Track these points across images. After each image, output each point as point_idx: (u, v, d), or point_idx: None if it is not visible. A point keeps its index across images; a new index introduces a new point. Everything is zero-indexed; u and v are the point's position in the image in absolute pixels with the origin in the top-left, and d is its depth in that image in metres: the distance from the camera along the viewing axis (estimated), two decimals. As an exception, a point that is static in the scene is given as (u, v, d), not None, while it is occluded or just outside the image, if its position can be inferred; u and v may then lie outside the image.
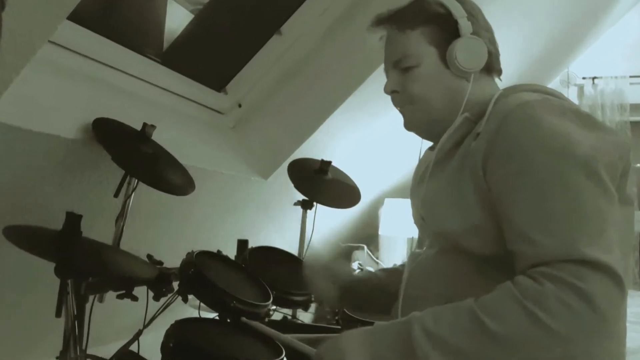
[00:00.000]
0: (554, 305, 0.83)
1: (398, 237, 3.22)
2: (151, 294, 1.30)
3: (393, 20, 1.15)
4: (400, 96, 1.15)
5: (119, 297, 1.26)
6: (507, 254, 0.94)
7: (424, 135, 1.20)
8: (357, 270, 2.57)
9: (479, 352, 0.87)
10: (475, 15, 1.13)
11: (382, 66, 1.20)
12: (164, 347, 1.12)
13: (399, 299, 1.12)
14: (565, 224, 0.88)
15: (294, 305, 1.69)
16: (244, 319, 1.26)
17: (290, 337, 1.17)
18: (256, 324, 1.27)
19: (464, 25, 1.09)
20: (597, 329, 0.84)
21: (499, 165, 0.96)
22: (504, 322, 0.86)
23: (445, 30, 1.10)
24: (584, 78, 4.02)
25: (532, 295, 0.85)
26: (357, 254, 3.34)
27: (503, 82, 1.19)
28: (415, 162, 1.29)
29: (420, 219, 1.19)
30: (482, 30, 1.12)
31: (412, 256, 1.20)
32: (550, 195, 0.91)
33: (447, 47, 1.10)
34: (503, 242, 0.96)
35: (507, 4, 2.45)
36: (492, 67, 1.14)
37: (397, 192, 3.33)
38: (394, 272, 1.31)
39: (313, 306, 1.76)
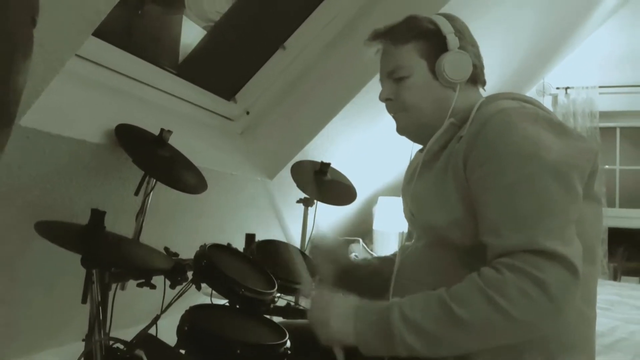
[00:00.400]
0: (513, 292, 0.84)
1: (391, 232, 3.21)
2: (168, 282, 1.30)
3: (388, 36, 1.16)
4: (393, 103, 1.16)
5: (139, 285, 1.26)
6: (485, 246, 0.95)
7: (415, 139, 1.21)
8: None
9: (448, 335, 0.88)
10: (462, 32, 1.13)
11: (378, 76, 1.21)
12: (180, 331, 1.12)
13: (390, 287, 1.12)
14: (530, 220, 0.89)
15: (296, 292, 1.69)
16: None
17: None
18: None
19: (452, 40, 1.10)
20: (552, 314, 0.85)
21: (477, 166, 0.96)
22: (468, 309, 0.86)
23: (435, 45, 1.11)
24: (557, 88, 4.02)
25: (494, 284, 0.86)
26: (353, 247, 3.34)
27: (486, 90, 1.19)
28: (406, 164, 1.29)
29: (410, 214, 1.19)
30: (468, 45, 1.13)
31: (402, 248, 1.20)
32: (518, 194, 0.91)
33: (436, 60, 1.10)
34: None
35: (491, 20, 2.45)
36: (476, 78, 1.15)
37: (390, 191, 3.33)
38: (388, 260, 1.32)
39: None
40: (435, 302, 0.90)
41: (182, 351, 1.12)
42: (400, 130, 1.19)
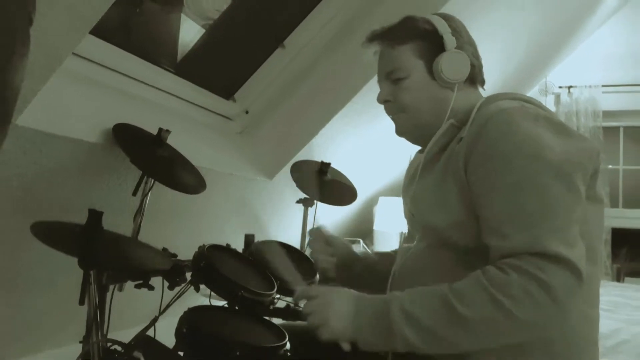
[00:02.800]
0: (517, 293, 0.84)
1: (391, 232, 3.22)
2: (166, 284, 1.30)
3: (385, 37, 1.16)
4: (391, 105, 1.17)
5: (137, 286, 1.26)
6: (486, 247, 0.95)
7: (414, 140, 1.21)
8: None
9: (448, 332, 0.88)
10: (459, 31, 1.13)
11: (377, 68, 1.21)
12: (178, 332, 1.12)
13: (387, 288, 1.13)
14: (534, 221, 0.89)
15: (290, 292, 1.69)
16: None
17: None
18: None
19: (449, 40, 1.10)
20: (555, 316, 0.85)
21: (478, 166, 0.97)
22: (471, 307, 0.87)
23: (432, 45, 1.11)
24: (560, 87, 4.02)
25: (498, 283, 0.86)
26: (353, 247, 3.34)
27: (487, 90, 1.19)
28: (407, 164, 1.29)
29: (410, 215, 1.19)
30: (466, 44, 1.13)
31: (403, 250, 1.20)
32: (521, 194, 0.91)
33: (433, 60, 1.11)
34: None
35: (493, 19, 2.45)
36: (475, 77, 1.15)
37: (390, 191, 3.33)
38: (387, 256, 1.32)
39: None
40: (437, 298, 0.90)
41: (181, 353, 1.12)
42: (399, 132, 1.19)
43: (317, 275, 1.58)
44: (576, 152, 0.96)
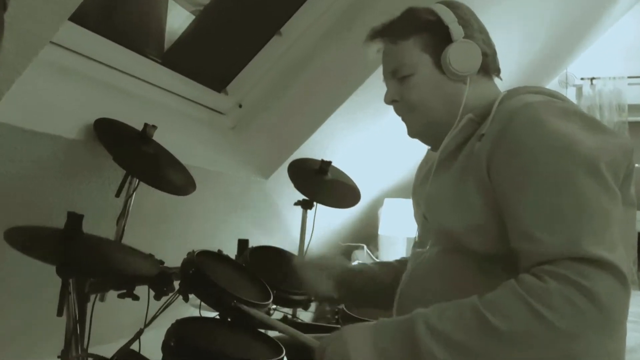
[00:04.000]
0: (559, 303, 0.83)
1: (397, 237, 3.22)
2: (152, 293, 1.30)
3: (386, 33, 1.17)
4: (400, 105, 1.17)
5: (120, 296, 1.26)
6: (508, 253, 0.94)
7: (428, 141, 1.21)
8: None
9: (482, 348, 0.87)
10: (467, 19, 1.13)
11: (382, 67, 1.21)
12: (165, 346, 1.12)
13: (396, 297, 1.12)
14: (569, 222, 0.88)
15: (294, 304, 1.69)
16: (243, 306, 1.24)
17: (292, 329, 1.16)
18: (255, 312, 1.25)
19: (455, 30, 1.10)
20: (602, 328, 0.83)
21: (504, 165, 0.96)
22: (507, 319, 0.85)
23: (437, 37, 1.11)
24: (582, 79, 4.01)
25: (536, 293, 0.84)
26: (357, 253, 3.34)
27: (504, 83, 1.19)
28: (415, 162, 1.29)
29: (423, 218, 1.19)
30: (476, 32, 1.13)
31: (414, 255, 1.20)
32: (554, 193, 0.90)
33: (440, 53, 1.11)
34: (505, 242, 0.96)
35: (506, 8, 2.45)
36: (488, 67, 1.15)
37: (396, 193, 3.33)
38: (388, 266, 1.32)
39: (313, 305, 1.76)
40: (469, 311, 0.89)
41: (168, 369, 1.12)
42: (412, 133, 1.19)
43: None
44: (610, 148, 0.95)
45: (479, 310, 0.88)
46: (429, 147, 1.25)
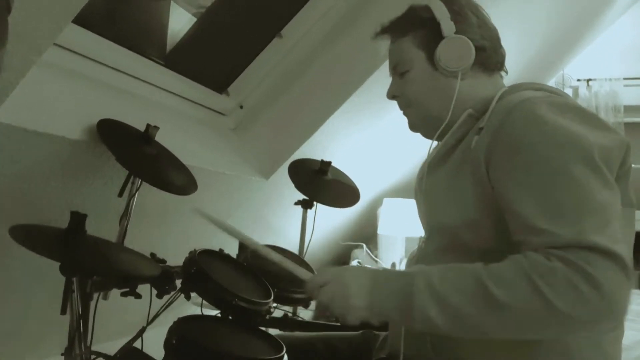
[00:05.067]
0: (561, 283, 0.82)
1: (397, 236, 3.21)
2: (155, 291, 1.30)
3: (388, 30, 1.20)
4: (400, 100, 1.20)
5: (123, 294, 1.26)
6: (503, 249, 0.94)
7: (426, 134, 1.21)
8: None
9: (477, 315, 0.87)
10: (462, 14, 1.13)
11: (382, 68, 1.23)
12: (167, 344, 1.12)
13: None
14: (573, 214, 0.87)
15: (294, 302, 1.69)
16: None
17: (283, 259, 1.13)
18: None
19: (446, 26, 1.11)
20: (602, 313, 0.83)
21: (504, 159, 0.96)
22: (508, 290, 0.85)
23: (431, 34, 1.12)
24: (578, 80, 4.02)
25: (541, 270, 0.84)
26: (356, 252, 3.34)
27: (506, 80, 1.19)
28: (414, 163, 1.30)
29: (423, 215, 1.20)
30: (472, 27, 1.13)
31: (411, 259, 1.21)
32: (556, 187, 0.90)
33: (434, 49, 1.11)
34: (499, 237, 0.96)
35: (506, 8, 2.45)
36: (486, 61, 1.14)
37: (396, 192, 3.32)
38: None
39: (313, 304, 1.76)
40: (471, 277, 0.88)
41: (170, 366, 1.12)
42: (411, 126, 1.22)
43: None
44: (607, 143, 0.94)
45: (481, 278, 0.87)
46: (431, 146, 1.25)
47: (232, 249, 1.60)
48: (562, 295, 0.82)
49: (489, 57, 1.14)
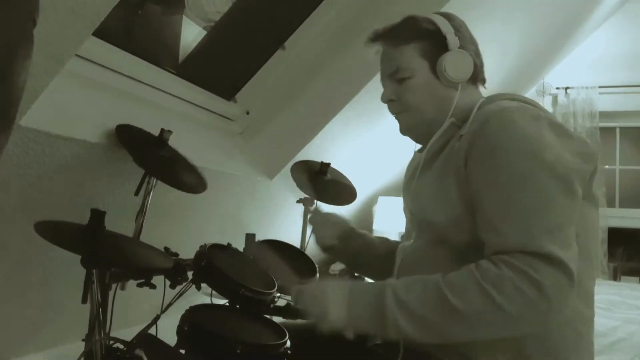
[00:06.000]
0: (509, 289, 0.85)
1: (390, 232, 3.21)
2: (168, 282, 1.30)
3: (387, 37, 1.17)
4: (396, 104, 1.17)
5: (139, 285, 1.26)
6: (482, 243, 0.95)
7: (418, 139, 1.21)
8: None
9: (440, 323, 0.88)
10: (461, 31, 1.13)
11: (378, 76, 1.21)
12: (180, 331, 1.12)
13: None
14: (527, 218, 0.89)
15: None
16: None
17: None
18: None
19: (452, 40, 1.10)
20: (545, 314, 0.86)
21: (478, 162, 0.97)
22: (463, 299, 0.87)
23: (435, 45, 1.11)
24: (557, 88, 4.01)
25: (491, 278, 0.86)
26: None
27: (485, 91, 1.19)
28: (406, 164, 1.29)
29: (409, 213, 1.20)
30: (468, 43, 1.13)
31: (401, 249, 1.20)
32: (517, 191, 0.91)
33: (437, 60, 1.11)
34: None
35: (490, 19, 2.45)
36: (477, 77, 1.15)
37: (389, 191, 3.33)
38: (385, 240, 1.37)
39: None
40: (432, 288, 0.90)
41: (182, 351, 1.12)
42: (404, 130, 1.20)
43: (317, 274, 1.58)
44: (575, 154, 0.96)
45: (441, 288, 0.89)
46: (416, 149, 1.25)
47: (239, 244, 1.60)
48: (511, 300, 0.84)
49: (480, 71, 1.15)
